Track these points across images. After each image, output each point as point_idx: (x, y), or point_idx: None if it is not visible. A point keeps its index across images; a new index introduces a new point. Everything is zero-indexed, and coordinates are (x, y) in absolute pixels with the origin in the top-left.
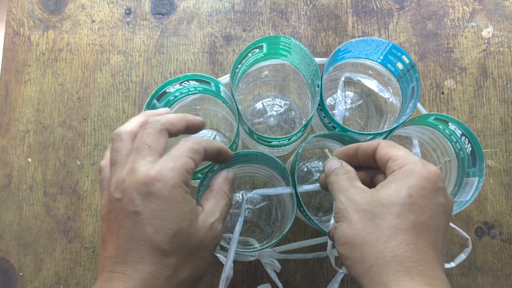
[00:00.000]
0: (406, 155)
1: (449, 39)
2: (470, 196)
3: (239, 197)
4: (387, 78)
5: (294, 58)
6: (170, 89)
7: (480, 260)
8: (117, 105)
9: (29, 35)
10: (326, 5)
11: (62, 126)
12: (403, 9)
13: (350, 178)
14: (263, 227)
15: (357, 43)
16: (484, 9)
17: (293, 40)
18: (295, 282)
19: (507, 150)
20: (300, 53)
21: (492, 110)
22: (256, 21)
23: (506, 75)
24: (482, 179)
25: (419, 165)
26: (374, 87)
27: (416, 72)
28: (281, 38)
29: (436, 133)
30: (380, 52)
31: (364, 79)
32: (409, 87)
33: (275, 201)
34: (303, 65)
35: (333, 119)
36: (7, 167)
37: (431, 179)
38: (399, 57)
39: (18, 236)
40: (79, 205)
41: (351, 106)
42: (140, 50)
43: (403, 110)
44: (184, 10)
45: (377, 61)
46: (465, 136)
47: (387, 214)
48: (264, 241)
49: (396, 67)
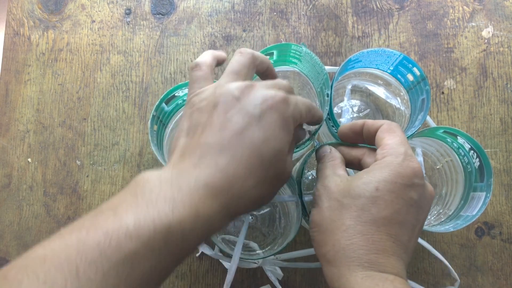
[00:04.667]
0: (394, 146)
1: (449, 39)
2: (477, 211)
3: None
4: (396, 88)
5: (304, 66)
6: (179, 93)
7: (480, 260)
8: (117, 105)
9: (29, 35)
10: (326, 5)
11: (62, 126)
12: (403, 9)
13: (334, 166)
14: (266, 233)
15: (368, 53)
16: (484, 9)
17: (304, 48)
18: (295, 282)
19: (507, 150)
20: (310, 61)
21: (492, 110)
22: (256, 21)
23: (506, 75)
24: (489, 195)
25: (399, 159)
26: (382, 94)
27: (426, 85)
28: (292, 46)
29: (444, 146)
30: (391, 63)
31: (371, 86)
32: (419, 99)
33: (279, 208)
34: (313, 73)
35: None
36: (7, 167)
37: (405, 174)
38: (410, 69)
39: (18, 236)
40: (79, 205)
41: (358, 115)
42: (140, 50)
43: (411, 122)
44: (184, 10)
45: (387, 71)
46: (473, 150)
47: (352, 205)
48: (267, 247)
49: (406, 78)
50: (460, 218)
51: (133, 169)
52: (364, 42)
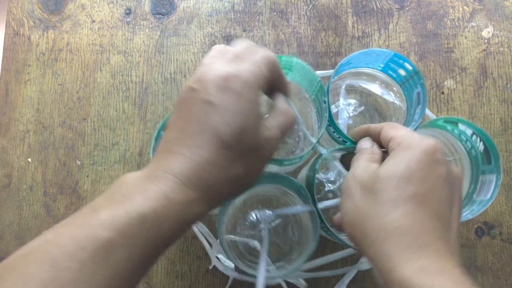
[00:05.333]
0: (406, 133)
1: (449, 39)
2: (490, 194)
3: (253, 217)
4: (388, 84)
5: (295, 75)
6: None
7: (480, 260)
8: (117, 105)
9: (29, 35)
10: (326, 5)
11: (62, 126)
12: (403, 9)
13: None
14: (281, 244)
15: (358, 55)
16: (484, 9)
17: (295, 59)
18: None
19: (507, 150)
20: (302, 70)
21: (492, 110)
22: (256, 21)
23: (506, 75)
24: (500, 176)
25: (417, 140)
26: (376, 90)
27: (420, 78)
28: (282, 58)
29: (444, 134)
30: (381, 61)
31: (365, 84)
32: (414, 93)
33: (291, 218)
34: (306, 81)
35: (343, 134)
36: (7, 167)
37: (428, 151)
38: (401, 64)
39: (18, 236)
40: (79, 205)
41: (354, 113)
42: (140, 50)
43: (409, 116)
44: (184, 10)
45: (377, 69)
46: (476, 135)
47: (386, 188)
48: (284, 257)
49: (398, 74)
50: (475, 204)
51: (133, 169)
52: (364, 42)
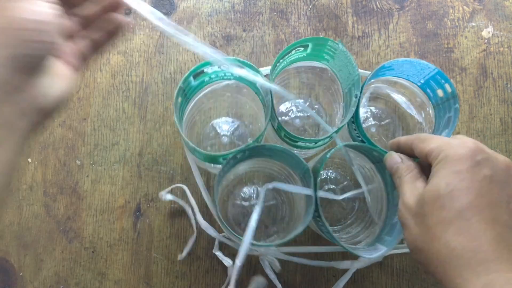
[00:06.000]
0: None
1: (449, 39)
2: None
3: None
4: (423, 102)
5: (336, 64)
6: (208, 69)
7: None
8: (117, 105)
9: None
10: (326, 5)
11: (62, 126)
12: (403, 9)
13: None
14: (268, 225)
15: (402, 62)
16: (484, 9)
17: (341, 46)
18: (295, 282)
19: (507, 150)
20: (344, 60)
21: (492, 110)
22: (256, 21)
23: (506, 75)
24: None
25: (453, 148)
26: (404, 105)
27: (456, 103)
28: (328, 42)
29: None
30: (423, 76)
31: (394, 94)
32: (445, 117)
33: (286, 202)
34: (344, 73)
35: (363, 133)
36: None
37: (466, 157)
38: (442, 84)
39: (18, 236)
40: (79, 205)
41: (379, 123)
42: (140, 50)
43: None
44: (184, 10)
45: (417, 84)
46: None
47: (433, 211)
48: (267, 238)
49: (435, 93)
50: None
51: (133, 169)
52: (364, 42)
